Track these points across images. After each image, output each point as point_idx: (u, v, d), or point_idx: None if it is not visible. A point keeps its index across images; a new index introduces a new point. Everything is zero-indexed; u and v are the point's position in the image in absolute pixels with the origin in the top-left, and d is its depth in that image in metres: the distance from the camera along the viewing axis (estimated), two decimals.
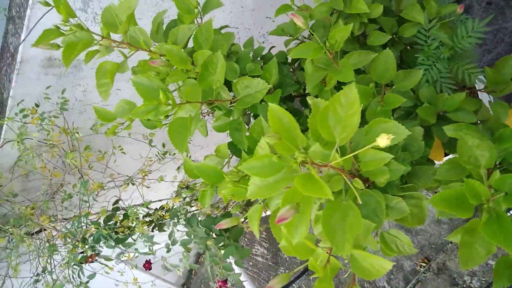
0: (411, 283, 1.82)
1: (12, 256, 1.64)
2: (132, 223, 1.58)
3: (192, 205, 2.06)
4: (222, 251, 1.51)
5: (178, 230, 1.59)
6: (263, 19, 2.07)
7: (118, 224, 1.64)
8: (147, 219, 1.81)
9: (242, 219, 2.04)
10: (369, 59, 0.94)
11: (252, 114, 1.17)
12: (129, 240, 1.65)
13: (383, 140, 0.56)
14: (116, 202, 1.82)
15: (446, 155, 1.20)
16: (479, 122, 1.09)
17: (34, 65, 1.59)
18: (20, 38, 1.53)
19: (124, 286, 2.07)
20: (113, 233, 1.50)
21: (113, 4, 0.98)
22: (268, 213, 0.87)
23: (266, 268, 2.56)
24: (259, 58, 1.27)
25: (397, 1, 1.14)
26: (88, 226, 1.64)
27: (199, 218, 1.56)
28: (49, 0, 0.94)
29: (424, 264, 1.85)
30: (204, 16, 1.12)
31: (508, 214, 0.70)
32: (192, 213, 1.69)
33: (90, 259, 1.53)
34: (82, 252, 1.53)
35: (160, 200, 2.22)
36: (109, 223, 1.60)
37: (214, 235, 1.55)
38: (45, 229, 1.79)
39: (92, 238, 1.50)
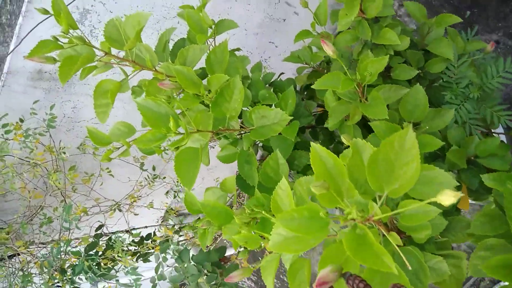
0: None
1: None
2: (117, 254, 1.45)
3: (180, 234, 1.93)
4: None
5: (168, 266, 1.46)
6: (266, 44, 2.00)
7: (100, 254, 1.49)
8: (132, 248, 1.67)
9: (236, 252, 1.92)
10: (400, 95, 0.85)
11: (261, 145, 1.08)
12: (112, 272, 1.51)
13: (449, 198, 0.47)
14: (99, 228, 1.68)
15: None
16: None
17: (22, 77, 1.47)
18: (8, 48, 1.42)
19: None
20: (95, 266, 1.36)
21: (119, 18, 0.88)
22: None
23: None
24: (267, 85, 1.18)
25: (422, 35, 1.08)
26: (67, 255, 1.49)
27: (191, 252, 1.44)
28: (47, 8, 0.84)
29: None
30: (216, 37, 1.03)
31: None
32: (183, 244, 1.57)
33: None
34: (59, 286, 1.38)
35: (146, 227, 2.07)
36: (91, 252, 1.46)
37: (206, 272, 1.43)
38: (19, 254, 1.64)
39: (71, 270, 1.36)
